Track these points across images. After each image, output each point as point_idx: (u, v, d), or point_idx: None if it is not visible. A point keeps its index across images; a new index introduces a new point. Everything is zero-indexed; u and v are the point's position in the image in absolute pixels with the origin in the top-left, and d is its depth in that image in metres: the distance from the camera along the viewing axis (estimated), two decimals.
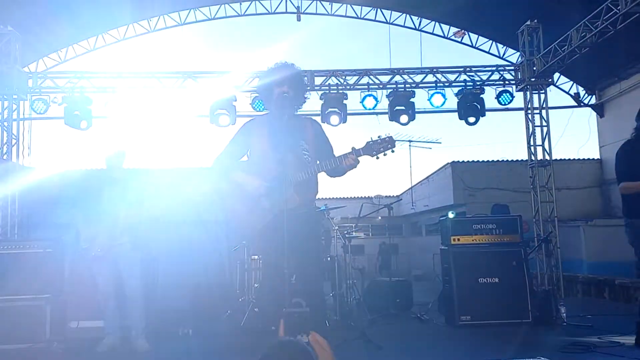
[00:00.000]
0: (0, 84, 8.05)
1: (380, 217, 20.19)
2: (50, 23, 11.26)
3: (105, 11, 11.96)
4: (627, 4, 6.52)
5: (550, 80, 8.98)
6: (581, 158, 16.36)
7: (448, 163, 16.74)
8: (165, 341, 5.74)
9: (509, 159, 16.56)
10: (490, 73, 9.22)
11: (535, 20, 8.74)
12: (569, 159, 16.08)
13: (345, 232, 6.89)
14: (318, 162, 3.77)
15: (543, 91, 8.87)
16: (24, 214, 7.97)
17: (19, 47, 8.32)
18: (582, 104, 14.40)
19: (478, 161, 16.62)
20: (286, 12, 13.44)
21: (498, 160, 16.57)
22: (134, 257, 5.40)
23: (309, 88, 8.60)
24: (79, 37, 12.56)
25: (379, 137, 3.58)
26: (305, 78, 4.15)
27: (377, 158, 3.59)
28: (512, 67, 9.30)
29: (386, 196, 21.08)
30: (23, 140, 8.37)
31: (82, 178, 5.61)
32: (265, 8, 13.36)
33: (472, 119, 8.81)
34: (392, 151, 3.59)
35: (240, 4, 13.20)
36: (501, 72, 9.21)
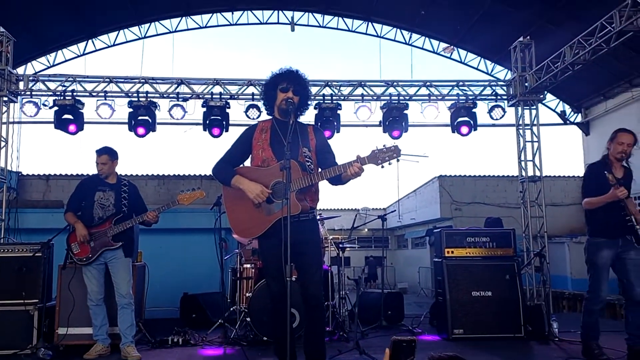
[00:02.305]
0: None
1: (367, 230, 20.20)
2: (40, 26, 11.18)
3: (96, 16, 11.92)
4: (622, 22, 6.63)
5: (542, 96, 9.08)
6: (566, 175, 16.58)
7: (435, 177, 16.86)
8: (155, 349, 5.64)
9: (495, 175, 16.73)
10: (482, 88, 9.31)
11: (528, 37, 8.85)
12: (555, 176, 16.28)
13: (339, 242, 6.84)
14: (320, 169, 3.75)
15: (534, 107, 8.96)
16: (12, 217, 7.80)
17: (11, 49, 8.19)
18: (568, 122, 14.62)
19: (465, 175, 16.75)
20: (278, 23, 13.50)
21: (485, 175, 16.72)
22: (126, 263, 5.31)
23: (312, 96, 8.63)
24: (69, 41, 12.47)
25: (384, 145, 3.55)
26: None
27: (382, 167, 3.57)
28: (504, 83, 9.40)
29: (373, 208, 21.09)
30: (12, 143, 8.20)
31: (70, 184, 5.50)
32: (258, 18, 13.41)
33: (465, 129, 8.86)
34: (397, 160, 3.58)
35: (233, 13, 13.23)
36: (493, 87, 9.30)
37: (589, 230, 4.97)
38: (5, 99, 8.15)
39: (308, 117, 8.99)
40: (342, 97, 9.05)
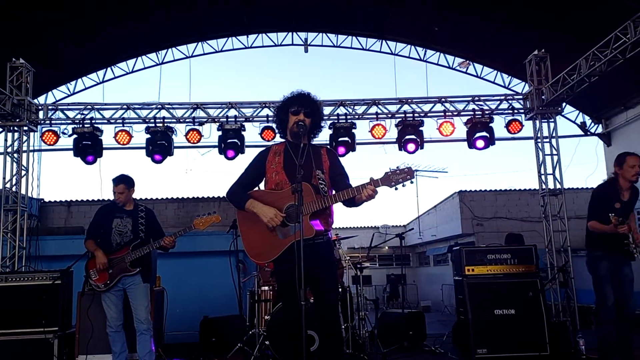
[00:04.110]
0: (11, 115, 8.09)
1: (387, 247, 20.06)
2: (61, 56, 11.42)
3: (115, 44, 12.15)
4: (637, 32, 6.54)
5: (559, 109, 8.95)
6: (590, 187, 16.25)
7: (455, 192, 16.70)
8: None
9: (516, 188, 16.51)
10: (498, 102, 9.24)
11: (543, 50, 8.77)
12: (578, 188, 16.00)
13: (357, 262, 6.78)
14: (334, 192, 3.72)
15: (552, 120, 8.85)
16: (32, 245, 7.89)
17: (31, 80, 8.38)
18: (588, 133, 14.38)
19: (485, 190, 16.55)
20: (292, 44, 13.60)
21: (505, 190, 16.51)
22: (144, 288, 5.32)
23: (325, 117, 8.67)
24: (89, 69, 12.71)
25: (397, 167, 3.52)
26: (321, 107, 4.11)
27: (396, 189, 3.53)
28: (521, 97, 9.31)
29: (393, 225, 20.95)
30: (32, 172, 8.35)
31: (92, 209, 5.55)
32: (272, 40, 13.52)
33: (481, 143, 8.81)
34: (411, 182, 3.53)
35: (247, 36, 13.36)
36: (510, 101, 9.22)
37: (587, 244, 5.15)
38: (25, 128, 8.32)
39: (323, 136, 9.03)
40: (357, 116, 9.06)
